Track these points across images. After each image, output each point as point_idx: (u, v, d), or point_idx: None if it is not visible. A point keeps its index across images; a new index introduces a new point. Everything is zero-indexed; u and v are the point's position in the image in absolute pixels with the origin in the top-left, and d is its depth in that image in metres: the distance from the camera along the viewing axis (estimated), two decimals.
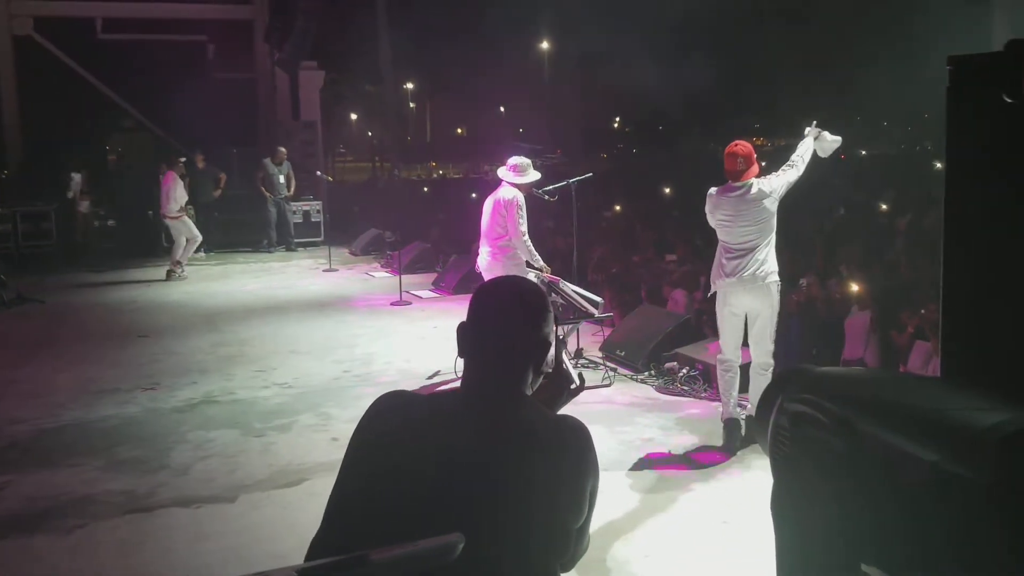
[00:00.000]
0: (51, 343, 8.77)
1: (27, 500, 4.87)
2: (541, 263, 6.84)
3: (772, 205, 5.32)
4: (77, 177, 15.69)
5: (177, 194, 12.95)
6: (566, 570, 1.78)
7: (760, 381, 5.36)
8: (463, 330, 1.86)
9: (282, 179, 15.66)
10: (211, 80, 19.86)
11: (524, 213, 6.78)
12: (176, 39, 20.21)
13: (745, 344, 5.55)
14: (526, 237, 6.78)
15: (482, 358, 1.83)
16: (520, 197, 6.79)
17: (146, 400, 6.72)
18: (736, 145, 5.40)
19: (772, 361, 5.43)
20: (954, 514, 1.40)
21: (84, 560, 4.21)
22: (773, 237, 5.39)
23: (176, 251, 12.87)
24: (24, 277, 11.85)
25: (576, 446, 1.77)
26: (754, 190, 5.31)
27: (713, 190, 5.49)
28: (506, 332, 1.83)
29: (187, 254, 13.05)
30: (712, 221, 5.49)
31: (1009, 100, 1.15)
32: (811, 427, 1.67)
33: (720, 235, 5.47)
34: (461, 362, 1.87)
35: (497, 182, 7.11)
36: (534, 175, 6.94)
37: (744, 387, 5.62)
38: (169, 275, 12.63)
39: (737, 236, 5.35)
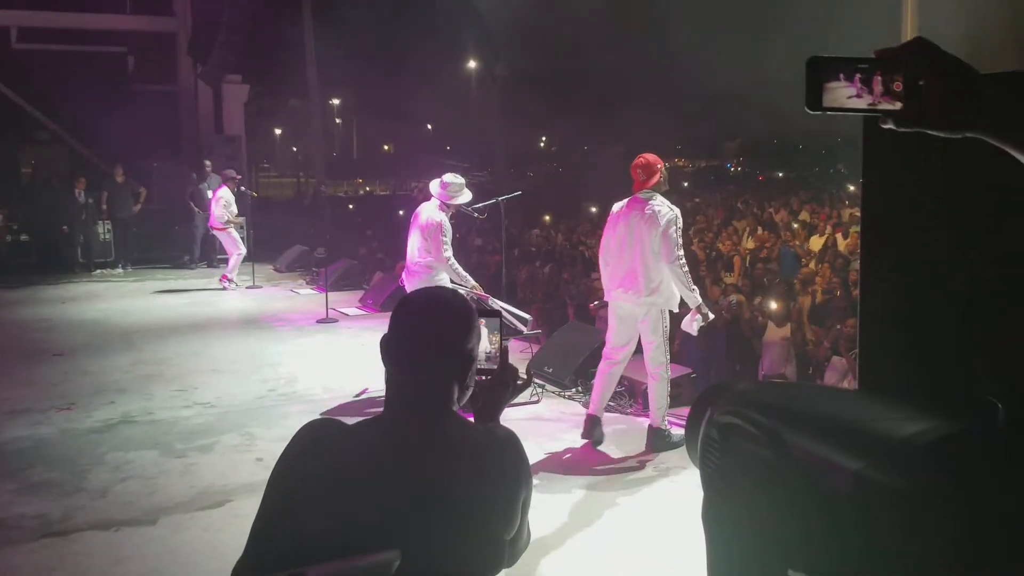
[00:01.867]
0: None
1: None
2: (471, 282, 6.82)
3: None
4: None
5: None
6: None
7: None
8: (386, 343, 1.82)
9: (210, 194, 15.26)
10: (131, 93, 19.41)
11: (448, 237, 6.66)
12: (95, 50, 19.72)
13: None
14: (452, 260, 6.69)
15: (405, 373, 1.80)
16: (445, 221, 6.64)
17: (61, 421, 6.48)
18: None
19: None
20: (876, 521, 1.45)
21: None
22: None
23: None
24: None
25: (508, 457, 1.78)
26: (650, 210, 5.52)
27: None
28: (429, 346, 1.79)
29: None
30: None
31: (810, 111, 1.26)
32: (739, 438, 1.72)
33: None
34: None
35: (425, 199, 7.06)
36: (466, 196, 6.82)
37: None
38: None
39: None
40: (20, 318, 10.79)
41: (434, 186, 6.87)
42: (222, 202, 12.74)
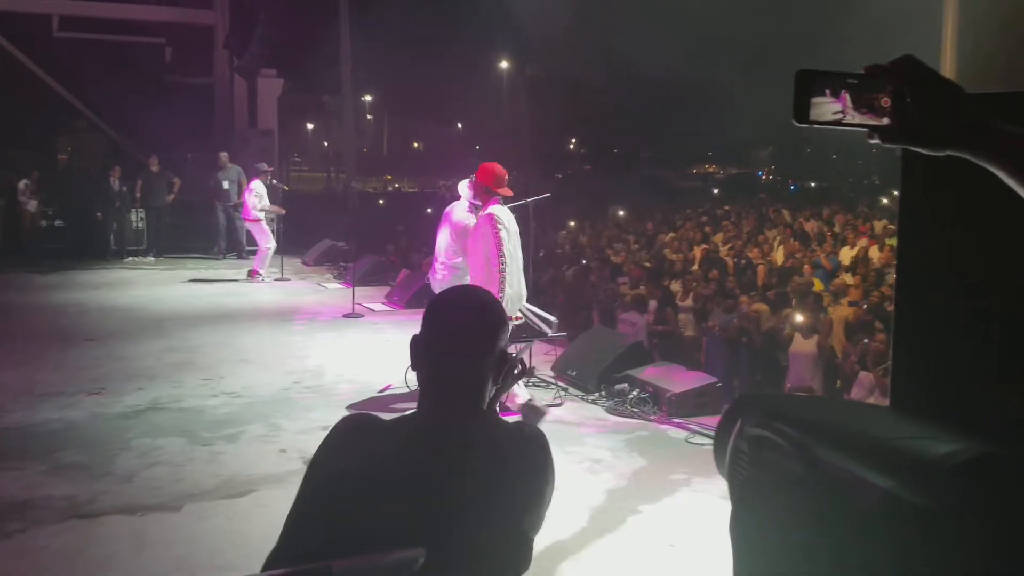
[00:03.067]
0: None
1: None
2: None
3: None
4: (23, 184, 15.40)
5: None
6: None
7: None
8: (419, 345, 1.83)
9: (226, 185, 15.37)
10: (168, 84, 19.63)
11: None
12: (134, 40, 19.96)
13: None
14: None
15: (441, 376, 1.81)
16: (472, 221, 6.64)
17: (91, 405, 6.59)
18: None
19: None
20: (904, 538, 1.46)
21: (25, 565, 4.11)
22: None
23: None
24: None
25: (537, 455, 1.80)
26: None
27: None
28: (466, 349, 1.80)
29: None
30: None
31: (797, 124, 1.27)
32: (770, 451, 1.72)
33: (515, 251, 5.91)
34: (413, 375, 1.88)
35: (453, 197, 7.07)
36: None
37: None
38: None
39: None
40: (53, 302, 10.96)
41: (463, 187, 6.87)
42: (254, 194, 12.86)
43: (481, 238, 5.97)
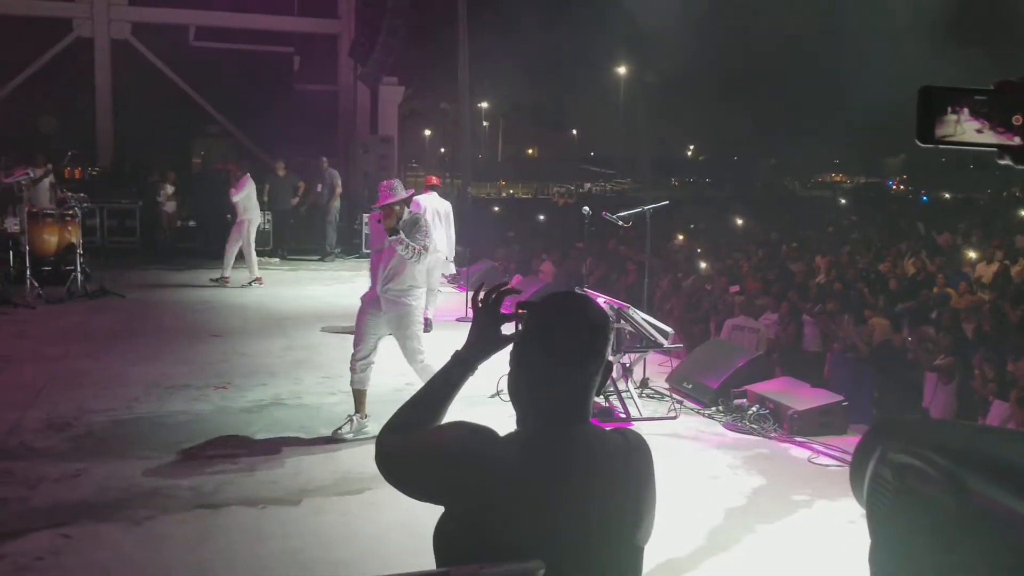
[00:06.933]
0: (128, 336, 9.02)
1: (99, 489, 4.99)
2: None
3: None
4: (167, 187, 16.28)
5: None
6: None
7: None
8: (523, 351, 1.79)
9: (319, 188, 16.01)
10: (295, 91, 20.34)
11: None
12: (264, 50, 20.80)
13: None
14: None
15: (546, 383, 1.76)
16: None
17: (217, 398, 6.85)
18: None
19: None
20: None
21: (151, 551, 4.29)
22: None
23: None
24: (107, 271, 12.21)
25: (642, 462, 1.78)
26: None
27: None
28: (575, 354, 1.75)
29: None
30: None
31: (921, 144, 1.14)
32: (917, 481, 1.59)
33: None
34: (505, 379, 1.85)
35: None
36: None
37: None
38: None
39: None
40: (183, 299, 11.50)
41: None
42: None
43: None
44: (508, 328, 1.94)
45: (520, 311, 1.85)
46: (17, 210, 10.75)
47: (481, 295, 2.00)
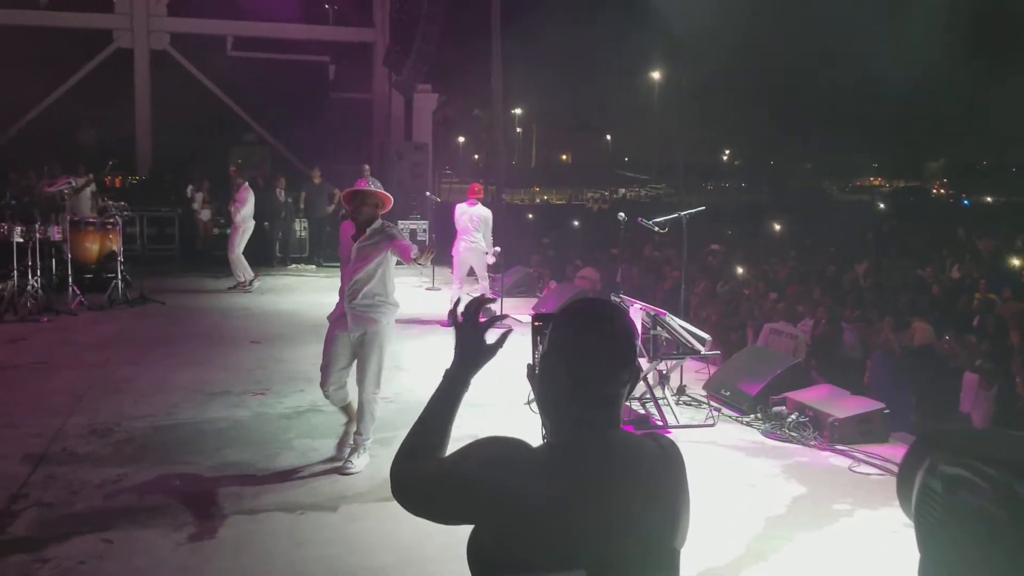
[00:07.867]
0: (168, 343, 9.14)
1: (140, 494, 5.06)
2: None
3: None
4: (199, 195, 16.49)
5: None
6: None
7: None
8: (555, 361, 1.77)
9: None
10: (330, 100, 20.52)
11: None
12: (300, 59, 21.01)
13: None
14: None
15: (580, 392, 1.73)
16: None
17: (255, 405, 6.91)
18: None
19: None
20: None
21: (190, 557, 4.33)
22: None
23: None
24: (147, 278, 12.39)
25: (679, 470, 1.78)
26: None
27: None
28: (612, 374, 1.74)
29: None
30: None
31: None
32: (968, 492, 1.56)
33: None
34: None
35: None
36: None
37: None
38: None
39: None
40: (222, 306, 11.63)
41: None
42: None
43: None
44: (492, 336, 1.95)
45: (536, 323, 1.86)
46: (60, 219, 10.96)
47: (460, 309, 2.00)
